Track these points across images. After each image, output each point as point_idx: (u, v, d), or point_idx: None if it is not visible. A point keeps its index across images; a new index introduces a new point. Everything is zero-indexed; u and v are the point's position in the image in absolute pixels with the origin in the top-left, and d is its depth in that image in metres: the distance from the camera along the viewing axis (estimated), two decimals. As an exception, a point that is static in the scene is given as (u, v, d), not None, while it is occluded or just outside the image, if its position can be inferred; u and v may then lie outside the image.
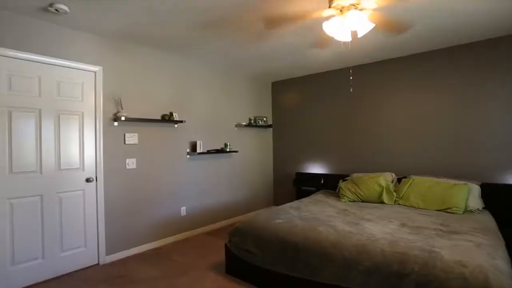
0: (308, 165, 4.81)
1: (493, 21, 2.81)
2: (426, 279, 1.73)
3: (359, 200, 3.49)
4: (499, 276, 1.60)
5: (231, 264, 2.68)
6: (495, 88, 3.25)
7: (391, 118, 3.97)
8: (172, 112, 3.61)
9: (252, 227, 2.61)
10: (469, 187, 3.03)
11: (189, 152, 3.85)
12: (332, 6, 2.25)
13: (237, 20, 2.68)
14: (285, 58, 3.88)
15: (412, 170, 3.74)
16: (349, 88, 4.29)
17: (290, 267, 2.26)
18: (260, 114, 5.06)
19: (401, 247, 1.96)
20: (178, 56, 3.75)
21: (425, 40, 3.28)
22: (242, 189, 4.68)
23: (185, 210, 3.80)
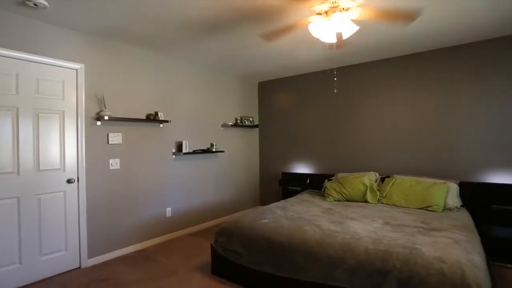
0: (294, 165, 4.85)
1: (474, 26, 2.92)
2: (408, 275, 1.78)
3: (344, 199, 3.55)
4: (474, 271, 1.66)
5: (217, 264, 2.67)
6: (474, 92, 3.38)
7: (374, 119, 4.06)
8: (157, 112, 3.55)
9: (238, 227, 2.61)
10: (448, 186, 3.14)
11: (174, 152, 3.80)
12: (317, 13, 2.30)
13: (225, 21, 2.68)
14: (272, 58, 3.90)
15: (395, 169, 3.84)
16: (334, 89, 4.36)
17: (276, 266, 2.27)
18: (246, 114, 5.06)
19: (384, 245, 2.01)
20: (164, 55, 3.69)
21: (409, 42, 3.38)
22: (228, 189, 4.67)
23: (170, 211, 3.76)
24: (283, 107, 4.99)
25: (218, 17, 2.62)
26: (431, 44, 3.45)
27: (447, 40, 3.32)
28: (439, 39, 3.28)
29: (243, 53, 3.68)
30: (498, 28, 2.98)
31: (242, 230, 2.56)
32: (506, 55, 3.20)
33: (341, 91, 4.34)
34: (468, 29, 3.00)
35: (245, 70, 4.52)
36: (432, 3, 2.38)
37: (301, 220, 2.63)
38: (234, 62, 4.05)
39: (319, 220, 2.61)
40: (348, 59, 4.01)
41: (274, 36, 2.95)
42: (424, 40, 3.30)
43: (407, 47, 3.55)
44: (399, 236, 2.17)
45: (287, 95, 4.94)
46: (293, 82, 4.86)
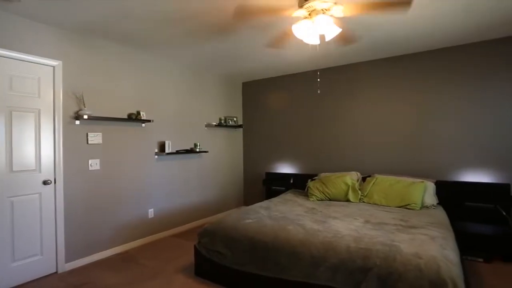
0: (278, 165, 4.89)
1: (448, 32, 3.05)
2: (387, 272, 1.83)
3: (327, 198, 3.61)
4: (449, 266, 1.74)
5: (200, 265, 2.64)
6: (450, 95, 3.53)
7: (356, 120, 4.16)
8: (139, 111, 3.48)
9: (221, 228, 2.59)
10: (425, 184, 3.26)
11: (157, 152, 3.74)
12: (304, 7, 2.28)
13: (208, 19, 2.66)
14: (256, 58, 3.91)
15: (375, 169, 3.95)
16: (317, 90, 4.43)
17: (260, 266, 2.28)
18: (230, 114, 5.05)
19: (365, 243, 2.06)
20: (147, 53, 3.62)
21: (389, 46, 3.48)
22: (212, 189, 4.64)
23: (153, 212, 3.69)
24: (267, 107, 5.01)
25: (201, 15, 2.60)
26: (410, 48, 3.57)
27: (426, 44, 3.45)
28: (418, 43, 3.40)
29: (227, 53, 3.67)
30: (475, 33, 3.12)
31: (225, 231, 2.55)
32: (481, 60, 3.36)
33: (324, 92, 4.41)
34: (445, 34, 3.12)
35: (229, 70, 4.51)
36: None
37: (285, 219, 2.65)
38: (218, 61, 4.04)
39: (302, 220, 2.64)
40: (332, 61, 4.08)
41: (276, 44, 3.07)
42: (404, 44, 3.42)
43: (387, 50, 3.65)
44: (379, 234, 2.23)
45: (271, 96, 4.97)
46: (277, 82, 4.90)
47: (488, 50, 3.31)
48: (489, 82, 3.32)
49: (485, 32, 3.08)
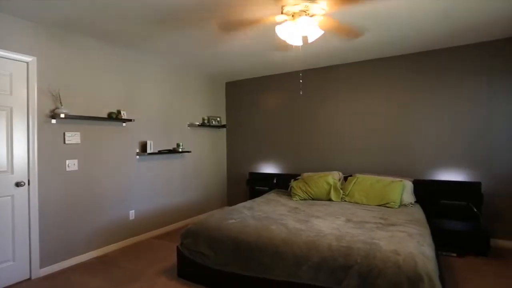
0: (261, 165, 4.90)
1: (424, 36, 3.17)
2: (368, 269, 1.88)
3: (309, 198, 3.66)
4: (425, 262, 1.81)
5: (183, 267, 2.61)
6: (427, 98, 3.67)
7: (338, 120, 4.24)
8: (119, 110, 3.39)
9: (204, 228, 2.57)
10: (403, 183, 3.37)
11: (138, 152, 3.65)
12: (284, 12, 2.33)
13: (191, 18, 2.63)
14: (239, 59, 3.91)
15: (357, 168, 4.04)
16: (300, 91, 4.48)
17: (243, 266, 2.28)
18: (213, 114, 5.02)
19: (346, 241, 2.11)
20: (128, 51, 3.53)
21: (369, 49, 3.57)
22: (195, 190, 4.59)
23: (134, 214, 3.60)
24: (250, 107, 5.02)
25: (185, 13, 2.57)
26: (389, 51, 3.68)
27: (403, 48, 3.56)
28: (395, 47, 3.51)
29: (210, 52, 3.64)
30: (451, 38, 3.27)
31: (208, 231, 2.53)
32: (456, 64, 3.51)
33: (307, 93, 4.47)
34: (421, 39, 3.25)
35: (212, 70, 4.48)
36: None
37: (268, 219, 2.66)
38: (201, 60, 4.00)
39: (285, 219, 2.66)
40: (314, 62, 4.14)
41: (233, 27, 2.77)
42: (382, 47, 3.52)
43: (367, 53, 3.75)
44: (360, 232, 2.29)
45: (254, 96, 4.97)
46: (260, 83, 4.91)
47: (463, 55, 3.47)
48: (462, 86, 3.48)
49: (460, 37, 3.23)
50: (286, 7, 2.29)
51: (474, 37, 3.23)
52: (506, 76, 3.28)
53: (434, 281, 1.71)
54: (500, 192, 3.30)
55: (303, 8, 2.27)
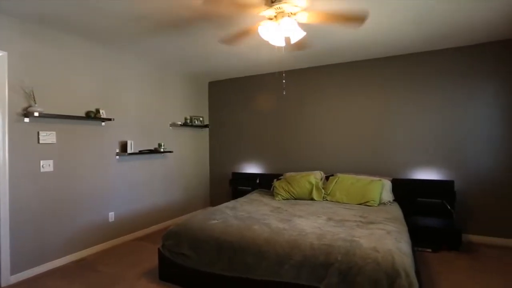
0: (244, 165, 4.90)
1: (399, 41, 3.28)
2: (348, 266, 1.92)
3: (292, 198, 3.70)
4: (402, 258, 1.88)
5: (164, 269, 2.56)
6: (404, 100, 3.80)
7: (320, 121, 4.31)
8: (98, 109, 3.28)
9: (186, 229, 2.54)
10: (383, 182, 3.47)
11: (118, 152, 3.56)
12: (273, 7, 2.30)
13: (173, 16, 2.59)
14: (222, 58, 3.89)
15: (338, 168, 4.12)
16: (282, 91, 4.52)
17: (226, 267, 2.27)
18: (196, 114, 4.97)
19: (328, 240, 2.15)
20: (108, 48, 3.43)
21: (350, 51, 3.66)
22: (177, 190, 4.53)
23: (113, 215, 3.50)
24: (233, 107, 5.01)
25: (168, 13, 2.53)
26: (369, 54, 3.78)
27: (381, 51, 3.68)
28: (374, 50, 3.62)
29: (193, 52, 3.60)
30: (424, 43, 3.40)
31: (190, 232, 2.50)
32: (430, 68, 3.66)
33: (289, 94, 4.51)
34: (398, 43, 3.36)
35: (195, 69, 4.43)
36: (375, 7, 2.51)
37: (251, 219, 2.67)
38: (183, 60, 3.95)
39: (268, 219, 2.68)
40: (297, 63, 4.19)
41: (233, 40, 2.91)
42: (363, 50, 3.61)
43: (349, 55, 3.84)
44: (341, 230, 2.34)
45: (237, 96, 4.97)
46: (243, 82, 4.91)
47: (436, 59, 3.62)
48: (437, 89, 3.63)
49: (434, 43, 3.37)
50: (279, 3, 2.27)
51: (450, 42, 3.38)
52: (478, 79, 3.45)
53: (410, 276, 1.78)
54: (472, 190, 3.47)
55: (277, 10, 2.27)
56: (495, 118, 3.39)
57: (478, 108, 3.45)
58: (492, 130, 3.40)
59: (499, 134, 3.37)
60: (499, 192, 3.37)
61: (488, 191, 3.42)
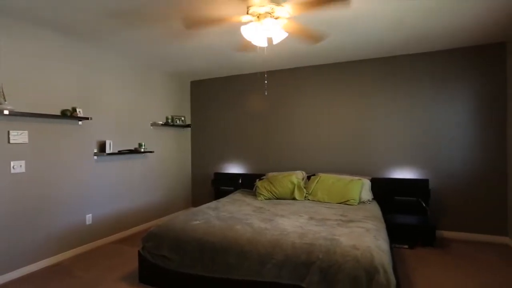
0: (227, 166, 4.89)
1: (380, 44, 3.38)
2: (328, 264, 1.96)
3: (274, 197, 3.72)
4: (380, 255, 1.94)
5: (145, 272, 2.51)
6: (383, 101, 3.92)
7: (302, 121, 4.36)
8: (75, 108, 3.17)
9: (168, 230, 2.50)
10: (362, 182, 3.57)
11: (96, 152, 3.44)
12: (249, 13, 2.34)
13: (154, 14, 2.54)
14: (204, 58, 3.85)
15: (319, 168, 4.19)
16: (264, 91, 4.54)
17: (208, 268, 2.26)
18: (178, 113, 4.89)
19: (309, 239, 2.18)
20: (86, 45, 3.31)
21: (331, 53, 3.73)
22: (158, 191, 4.44)
23: (91, 218, 3.39)
24: (215, 107, 4.98)
25: (147, 8, 2.47)
26: (351, 56, 3.87)
27: (361, 53, 3.77)
28: (354, 52, 3.70)
29: (174, 50, 3.55)
30: (403, 46, 3.52)
31: (172, 233, 2.47)
32: (409, 71, 3.80)
33: (271, 94, 4.54)
34: (379, 46, 3.46)
35: (176, 68, 4.37)
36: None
37: (233, 219, 2.66)
38: (165, 58, 3.88)
39: (250, 219, 2.68)
40: (279, 64, 4.22)
41: (197, 24, 2.65)
42: (345, 52, 3.69)
43: (329, 57, 3.91)
44: (322, 229, 2.38)
45: (219, 95, 4.94)
46: (225, 82, 4.89)
47: (414, 63, 3.76)
48: (413, 91, 3.77)
49: (412, 46, 3.49)
50: (252, 8, 2.30)
51: (423, 47, 3.51)
52: (453, 83, 3.61)
53: (388, 273, 1.84)
54: (445, 188, 3.64)
55: (269, 10, 2.30)
56: (467, 121, 3.56)
57: (452, 110, 3.62)
58: (464, 131, 3.57)
59: (470, 135, 3.55)
60: (470, 190, 3.55)
61: (459, 189, 3.59)
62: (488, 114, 3.49)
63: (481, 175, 3.51)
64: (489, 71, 3.47)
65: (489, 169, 3.48)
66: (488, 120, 3.49)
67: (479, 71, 3.51)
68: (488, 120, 3.49)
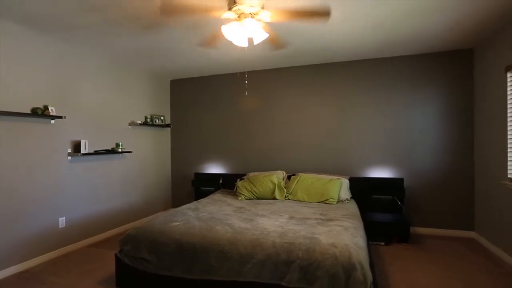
0: (207, 166, 4.84)
1: (360, 47, 3.48)
2: (308, 262, 1.99)
3: (255, 197, 3.73)
4: (358, 252, 1.99)
5: (122, 276, 2.44)
6: (362, 102, 4.03)
7: (282, 121, 4.40)
8: (47, 106, 3.02)
9: (146, 232, 2.45)
10: (341, 181, 3.65)
11: (70, 153, 3.31)
12: (232, 10, 2.31)
13: (129, 7, 2.47)
14: (184, 56, 3.80)
15: (299, 168, 4.25)
16: (245, 92, 4.54)
17: (188, 269, 2.23)
18: (157, 113, 4.80)
19: (289, 238, 2.20)
20: (60, 40, 3.17)
21: (310, 55, 3.79)
22: (136, 192, 4.33)
23: (64, 221, 3.25)
24: (196, 106, 4.92)
25: (124, 8, 2.41)
26: (330, 58, 3.95)
27: (342, 55, 3.86)
28: (335, 54, 3.79)
29: (154, 48, 3.48)
30: (382, 50, 3.64)
31: (150, 235, 2.41)
32: (387, 73, 3.93)
33: (252, 94, 4.55)
34: (358, 48, 3.56)
35: (156, 66, 4.27)
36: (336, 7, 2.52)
37: (213, 220, 2.64)
38: (144, 56, 3.79)
39: (231, 219, 2.67)
40: (260, 64, 4.24)
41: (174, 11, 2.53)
42: (324, 54, 3.76)
43: (310, 58, 3.97)
44: (302, 228, 2.41)
45: (200, 95, 4.89)
46: (206, 82, 4.85)
47: (392, 65, 3.90)
48: (388, 93, 3.91)
49: (390, 49, 3.62)
50: (237, 6, 2.27)
51: (400, 50, 3.65)
52: (426, 86, 3.78)
53: (365, 269, 1.89)
54: (418, 187, 3.80)
55: (255, 11, 2.30)
56: (439, 123, 3.74)
57: (426, 113, 3.78)
58: (436, 133, 3.75)
59: (442, 137, 3.73)
60: (441, 188, 3.73)
61: (431, 188, 3.76)
62: (457, 117, 3.68)
63: (451, 175, 3.69)
64: (459, 76, 3.66)
65: (458, 169, 3.67)
66: (457, 123, 3.68)
67: (450, 76, 3.69)
68: (457, 123, 3.68)
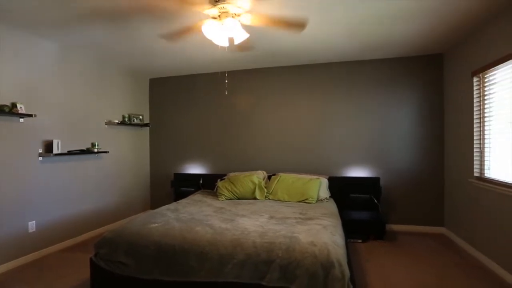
0: (187, 166, 4.78)
1: (337, 50, 3.56)
2: (288, 262, 2.01)
3: (235, 197, 3.72)
4: (336, 249, 2.04)
5: (98, 280, 2.35)
6: (340, 103, 4.13)
7: (262, 122, 4.43)
8: (15, 103, 2.86)
9: (123, 235, 2.38)
10: (320, 180, 3.72)
11: (41, 153, 3.15)
12: (217, 7, 2.28)
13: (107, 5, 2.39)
14: (165, 55, 3.73)
15: (279, 168, 4.29)
16: (225, 91, 4.53)
17: (167, 271, 2.18)
18: (135, 112, 4.67)
19: (269, 237, 2.21)
20: (30, 33, 3.01)
21: (289, 57, 3.83)
22: (113, 193, 4.20)
23: (34, 225, 3.09)
24: (175, 106, 4.84)
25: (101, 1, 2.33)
26: (309, 59, 4.02)
27: (320, 58, 3.94)
28: (313, 56, 3.86)
29: (132, 46, 3.39)
30: (359, 53, 3.74)
31: (128, 238, 2.35)
32: (361, 76, 4.04)
33: (232, 94, 4.54)
34: (335, 50, 3.65)
35: (134, 64, 4.16)
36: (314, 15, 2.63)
37: (193, 221, 2.61)
38: (121, 53, 3.67)
39: (211, 220, 2.65)
40: (240, 64, 4.23)
41: (176, 37, 2.86)
42: (304, 55, 3.82)
43: (290, 59, 4.02)
44: (282, 227, 2.43)
45: (180, 94, 4.82)
46: (186, 81, 4.78)
47: (370, 68, 4.02)
48: (365, 95, 4.03)
49: (367, 53, 3.73)
50: (223, 3, 2.25)
51: (377, 53, 3.77)
52: (401, 88, 3.93)
53: (343, 266, 1.94)
54: (393, 186, 3.94)
55: (239, 11, 2.29)
56: (412, 125, 3.90)
57: (400, 115, 3.93)
58: (409, 135, 3.90)
59: (414, 138, 3.89)
60: (414, 187, 3.89)
61: (405, 186, 3.92)
62: (429, 119, 3.85)
63: (423, 174, 3.87)
64: (431, 79, 3.84)
65: (429, 169, 3.85)
66: (430, 125, 3.85)
67: (423, 80, 3.86)
68: (430, 125, 3.85)
